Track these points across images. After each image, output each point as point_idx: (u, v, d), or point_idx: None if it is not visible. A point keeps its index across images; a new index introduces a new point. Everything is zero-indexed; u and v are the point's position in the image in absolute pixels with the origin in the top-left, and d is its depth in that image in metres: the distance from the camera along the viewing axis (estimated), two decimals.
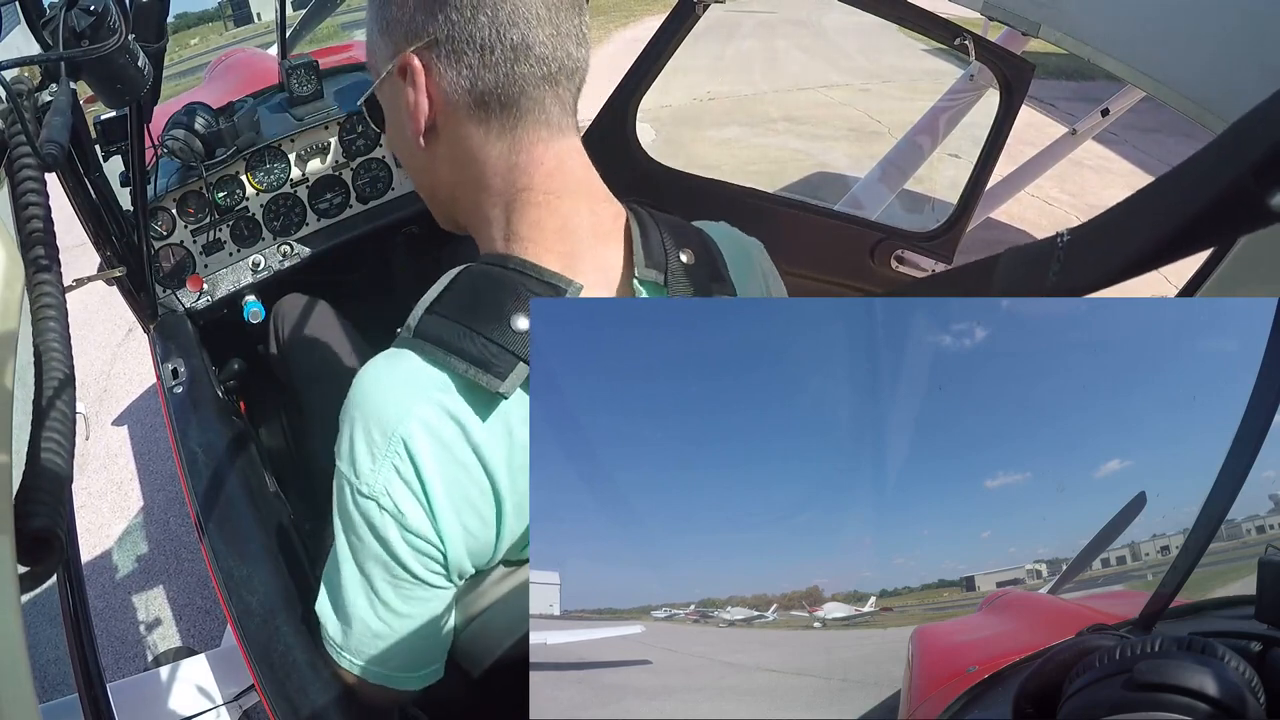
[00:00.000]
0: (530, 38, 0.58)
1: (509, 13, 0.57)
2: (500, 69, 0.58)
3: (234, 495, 1.03)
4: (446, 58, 0.58)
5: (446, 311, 0.60)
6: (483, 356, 0.57)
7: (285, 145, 1.56)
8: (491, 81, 0.58)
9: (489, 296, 0.60)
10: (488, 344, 0.58)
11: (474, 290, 0.60)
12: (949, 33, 1.54)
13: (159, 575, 2.30)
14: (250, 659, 0.83)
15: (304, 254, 1.60)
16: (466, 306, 0.60)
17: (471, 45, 0.57)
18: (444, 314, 0.60)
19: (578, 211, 0.63)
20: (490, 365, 0.57)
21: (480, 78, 0.58)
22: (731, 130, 5.53)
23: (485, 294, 0.60)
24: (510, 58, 0.58)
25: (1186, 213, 0.27)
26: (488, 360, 0.57)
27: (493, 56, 0.57)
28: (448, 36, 0.57)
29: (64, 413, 0.35)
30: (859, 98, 6.18)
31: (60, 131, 0.56)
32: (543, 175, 0.62)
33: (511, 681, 0.61)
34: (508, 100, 0.59)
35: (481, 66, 0.58)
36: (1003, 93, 1.61)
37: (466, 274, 0.61)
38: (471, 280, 0.61)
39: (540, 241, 0.62)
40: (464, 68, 0.58)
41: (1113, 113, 2.57)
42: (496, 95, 0.59)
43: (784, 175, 4.57)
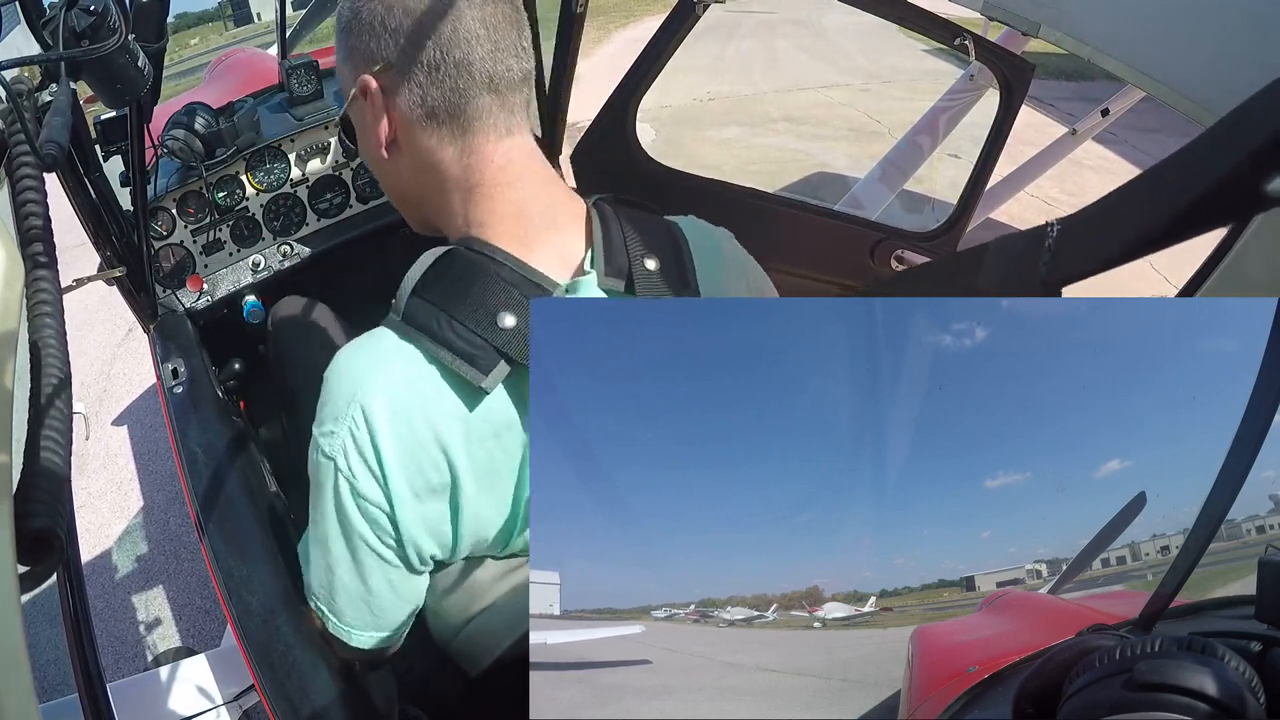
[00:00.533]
0: (470, 55, 0.64)
1: (449, 35, 0.63)
2: (446, 84, 0.64)
3: (234, 495, 1.03)
4: (399, 78, 0.65)
5: (432, 297, 0.63)
6: (468, 350, 0.61)
7: (285, 145, 1.56)
8: (439, 96, 0.65)
9: (472, 287, 0.63)
10: (473, 338, 0.61)
11: (457, 277, 0.64)
12: (949, 33, 1.53)
13: (159, 575, 2.30)
14: (250, 659, 0.83)
15: (304, 254, 1.60)
16: (450, 294, 0.63)
17: (420, 66, 0.64)
18: (429, 299, 0.63)
19: (533, 197, 0.68)
20: (475, 359, 0.61)
21: (429, 94, 0.65)
22: (731, 130, 5.53)
23: (467, 282, 0.63)
24: (454, 74, 0.64)
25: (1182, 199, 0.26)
26: (472, 355, 0.61)
27: (439, 74, 0.64)
28: (397, 59, 0.64)
29: (61, 411, 0.35)
30: (859, 98, 6.17)
31: (60, 131, 0.56)
32: (493, 171, 0.67)
33: (511, 681, 0.61)
34: (455, 111, 0.65)
35: (430, 84, 0.64)
36: (1003, 93, 1.60)
37: (449, 257, 0.65)
38: (452, 264, 0.65)
39: (496, 226, 0.67)
40: (415, 86, 0.65)
41: (1113, 113, 2.57)
42: (445, 109, 0.65)
43: (784, 175, 4.56)
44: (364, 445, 0.62)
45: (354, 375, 0.63)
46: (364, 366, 0.63)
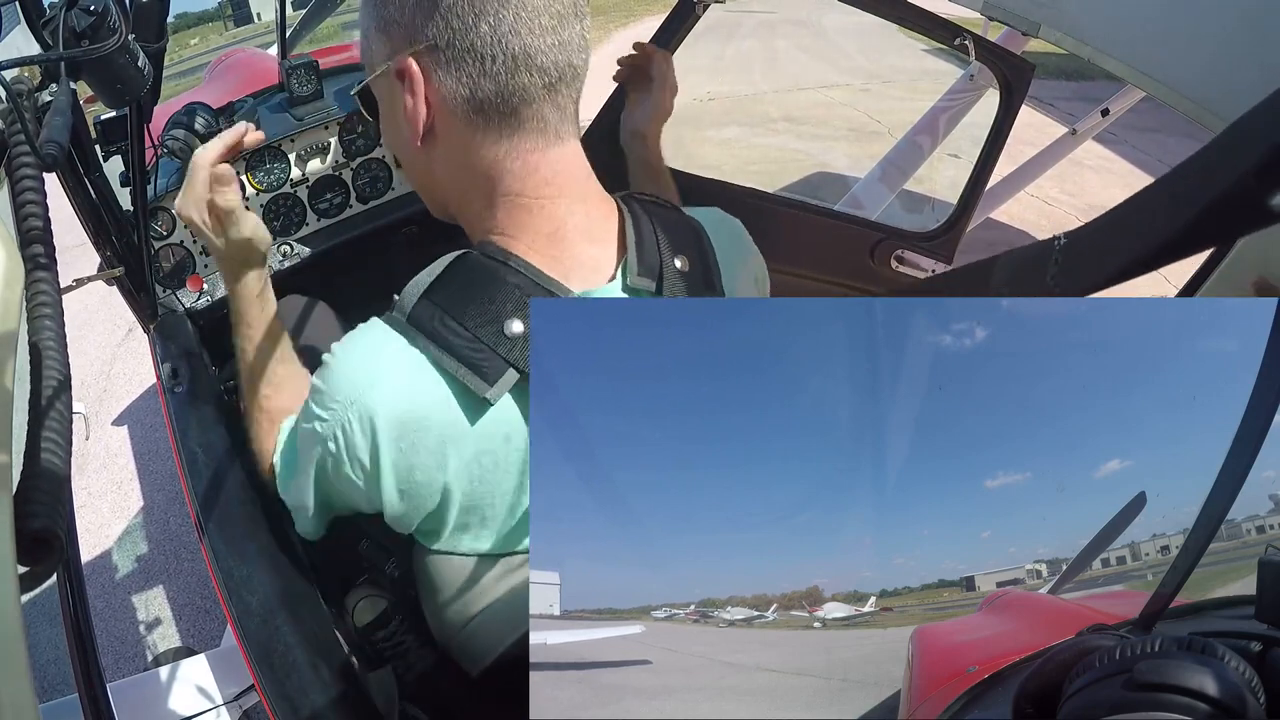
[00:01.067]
0: (532, 47, 0.57)
1: (512, 22, 0.56)
2: (500, 78, 0.57)
3: (234, 495, 1.03)
4: (445, 64, 0.58)
5: (441, 301, 0.60)
6: (473, 358, 0.59)
7: (285, 145, 1.56)
8: (491, 90, 0.58)
9: (483, 293, 0.60)
10: (479, 346, 0.59)
11: (469, 283, 0.61)
12: (949, 33, 1.53)
13: (159, 575, 2.30)
14: (250, 659, 0.83)
15: (304, 254, 1.60)
16: (460, 299, 0.60)
17: (472, 53, 0.56)
18: (438, 303, 0.60)
19: (572, 214, 0.64)
20: (479, 368, 0.58)
21: (479, 86, 0.58)
22: (731, 130, 5.52)
23: (479, 289, 0.60)
24: (510, 67, 0.57)
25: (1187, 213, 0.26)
26: (477, 363, 0.59)
27: (493, 65, 0.57)
28: (448, 43, 0.57)
29: (61, 412, 0.35)
30: (859, 98, 6.17)
31: (60, 131, 0.56)
32: (537, 181, 0.62)
33: (511, 681, 0.61)
34: (506, 109, 0.59)
35: (481, 75, 0.57)
36: (1003, 93, 1.60)
37: (462, 262, 0.62)
38: (468, 270, 0.62)
39: (531, 242, 0.63)
40: (463, 75, 0.57)
41: (1113, 113, 2.56)
42: (495, 104, 0.59)
43: (784, 175, 4.57)
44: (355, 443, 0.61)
45: (356, 373, 0.61)
46: (364, 368, 0.61)
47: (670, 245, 0.67)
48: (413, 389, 0.60)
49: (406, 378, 0.60)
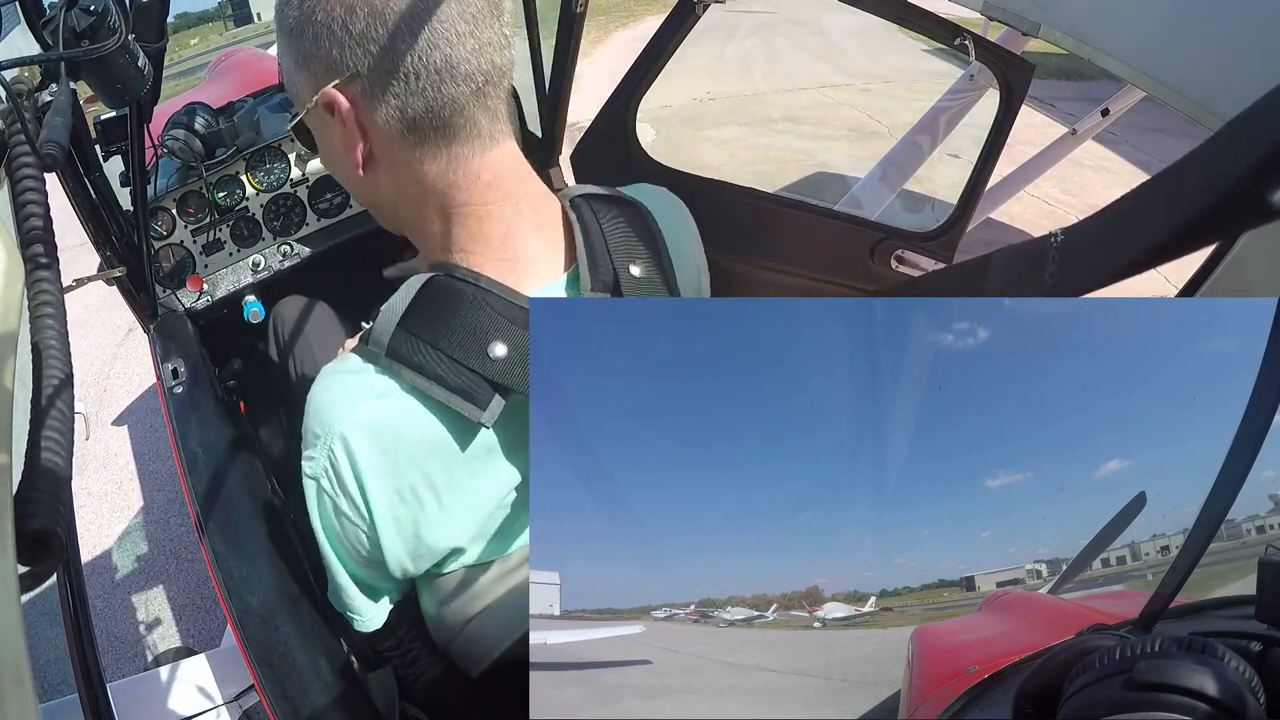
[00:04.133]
0: (454, 56, 0.56)
1: (428, 36, 0.55)
2: (427, 93, 0.57)
3: (234, 495, 1.03)
4: (371, 90, 0.57)
5: (418, 330, 0.60)
6: (462, 385, 0.59)
7: (285, 145, 1.56)
8: (420, 107, 0.57)
9: (460, 318, 0.60)
10: (466, 372, 0.59)
11: (444, 308, 0.60)
12: (949, 33, 1.53)
13: (159, 575, 2.30)
14: (250, 659, 0.83)
15: (304, 254, 1.60)
16: (438, 327, 0.60)
17: (395, 74, 0.56)
18: (416, 333, 0.60)
19: (519, 214, 0.64)
20: (470, 394, 0.58)
21: (409, 105, 0.57)
22: (731, 130, 5.52)
23: (456, 314, 0.60)
24: (436, 80, 0.56)
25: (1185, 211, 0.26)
26: (468, 390, 0.58)
27: (419, 82, 0.56)
28: (369, 69, 0.56)
29: (62, 412, 0.35)
30: (859, 98, 6.17)
31: (60, 131, 0.55)
32: (480, 188, 0.62)
33: (511, 681, 0.61)
34: (439, 122, 0.58)
35: (408, 94, 0.57)
36: (1003, 93, 1.60)
37: (432, 287, 0.61)
38: (440, 295, 0.61)
39: (483, 251, 0.63)
40: (391, 97, 0.57)
41: (1113, 113, 2.56)
42: (427, 119, 0.58)
43: (784, 175, 4.56)
44: (345, 477, 0.61)
45: (335, 407, 0.61)
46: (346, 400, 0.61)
47: (624, 251, 0.66)
48: (398, 414, 0.60)
49: (388, 404, 0.60)
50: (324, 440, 0.61)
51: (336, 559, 0.68)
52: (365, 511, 0.62)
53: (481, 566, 0.70)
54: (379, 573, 0.69)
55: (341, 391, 0.62)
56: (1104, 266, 0.30)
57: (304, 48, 0.58)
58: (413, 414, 0.60)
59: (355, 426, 0.60)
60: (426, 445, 0.61)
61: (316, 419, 0.62)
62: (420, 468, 0.61)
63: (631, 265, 0.66)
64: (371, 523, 0.63)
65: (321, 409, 0.62)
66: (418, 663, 0.85)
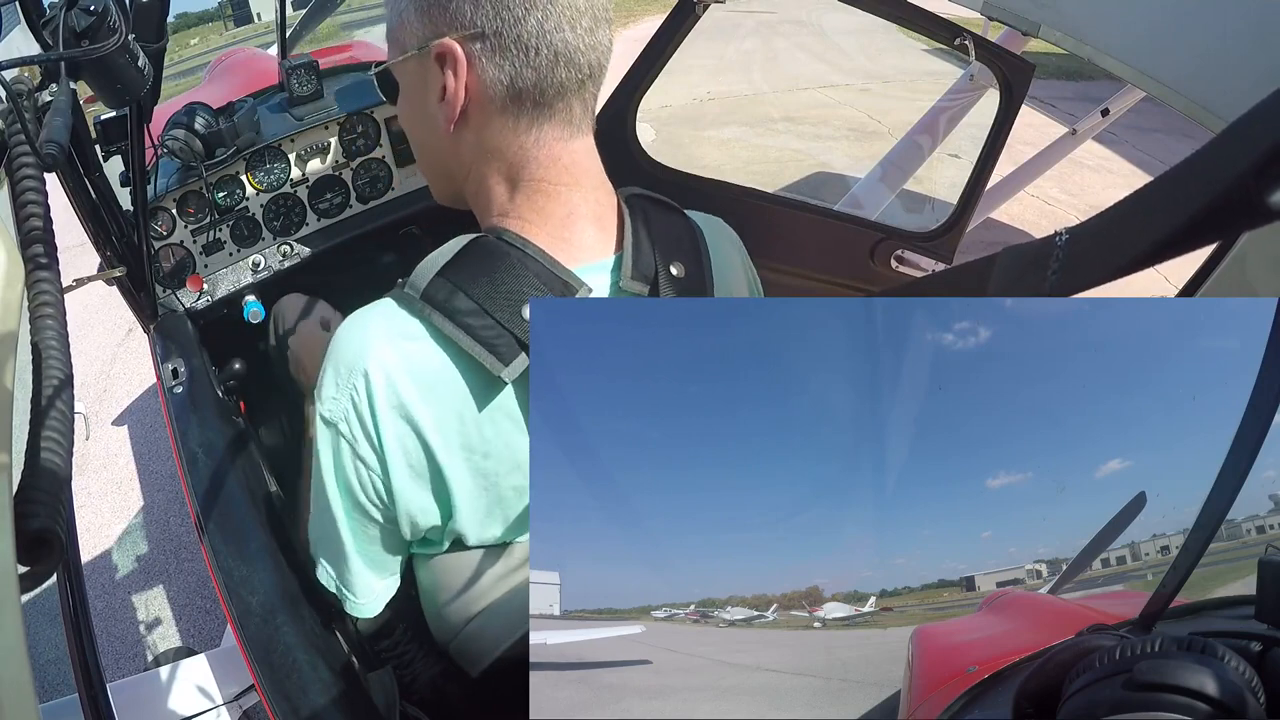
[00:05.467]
0: (573, 44, 0.60)
1: (557, 19, 0.59)
2: (541, 70, 0.60)
3: (234, 495, 1.03)
4: (490, 52, 0.59)
5: (456, 279, 0.61)
6: (488, 338, 0.59)
7: (285, 145, 1.56)
8: (531, 80, 0.60)
9: (500, 275, 0.61)
10: (495, 326, 0.59)
11: (486, 265, 0.62)
12: (949, 33, 1.53)
13: (159, 575, 2.30)
14: (250, 659, 0.83)
15: (304, 254, 1.60)
16: (477, 279, 0.61)
17: (518, 44, 0.59)
18: (454, 281, 0.61)
19: (585, 201, 0.66)
20: (494, 347, 0.59)
21: (521, 75, 0.60)
22: (731, 130, 5.52)
23: (497, 271, 0.61)
24: (551, 61, 0.60)
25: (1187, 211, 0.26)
26: (493, 342, 0.59)
27: (537, 58, 0.59)
28: (496, 32, 0.59)
29: (62, 412, 0.35)
30: (859, 98, 6.17)
31: (60, 131, 0.55)
32: (557, 169, 0.65)
33: (511, 681, 0.61)
34: (542, 100, 0.61)
35: (525, 65, 0.59)
36: (1003, 93, 1.60)
37: (478, 244, 0.63)
38: (485, 252, 0.62)
39: (542, 225, 0.65)
40: (506, 64, 0.60)
41: (1113, 113, 2.57)
42: (533, 94, 0.61)
43: (784, 175, 4.57)
44: (364, 415, 0.61)
45: (362, 343, 0.62)
46: (373, 337, 0.62)
47: (666, 251, 0.68)
48: (423, 357, 0.61)
49: (415, 345, 0.61)
50: (347, 379, 0.61)
51: (345, 518, 0.68)
52: (380, 454, 0.63)
53: (482, 554, 0.69)
54: (385, 541, 0.69)
55: (371, 330, 0.63)
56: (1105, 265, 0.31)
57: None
58: (438, 360, 0.61)
59: (379, 365, 0.60)
60: (447, 393, 0.61)
61: (340, 357, 0.62)
62: (438, 415, 0.62)
63: (672, 265, 0.68)
64: (385, 468, 0.63)
65: (347, 347, 0.62)
66: (414, 664, 0.85)
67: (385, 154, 1.66)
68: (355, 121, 1.61)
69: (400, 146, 1.64)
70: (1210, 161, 0.26)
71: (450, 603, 0.72)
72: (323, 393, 0.63)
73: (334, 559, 0.71)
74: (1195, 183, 0.27)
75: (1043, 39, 1.07)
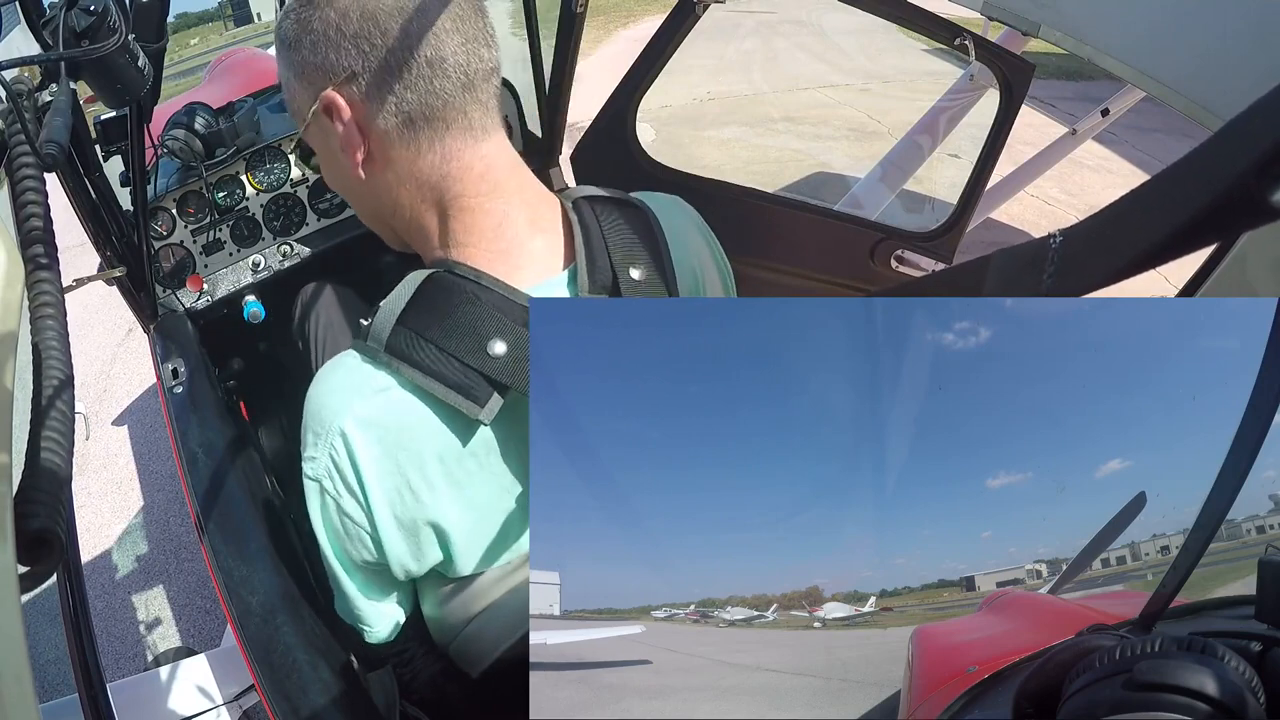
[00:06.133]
0: (442, 51, 0.60)
1: (416, 34, 0.59)
2: (419, 86, 0.60)
3: (234, 495, 1.03)
4: (367, 88, 0.60)
5: (417, 326, 0.60)
6: (461, 382, 0.59)
7: (285, 145, 1.56)
8: (414, 100, 0.60)
9: (460, 315, 0.60)
10: (465, 369, 0.59)
11: (444, 305, 0.61)
12: (949, 33, 1.54)
13: (159, 575, 2.30)
14: (250, 659, 0.83)
15: (304, 254, 1.60)
16: (437, 323, 0.60)
17: (388, 71, 0.59)
18: (415, 329, 0.60)
19: (510, 206, 0.65)
20: (469, 391, 0.59)
21: (403, 99, 0.60)
22: (731, 130, 5.52)
23: (456, 311, 0.60)
24: (427, 74, 0.60)
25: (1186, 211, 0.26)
26: (466, 386, 0.59)
27: (411, 76, 0.59)
28: (364, 67, 0.59)
29: (63, 412, 0.35)
30: (859, 98, 6.17)
31: (60, 131, 0.55)
32: (473, 179, 0.64)
33: (511, 681, 0.61)
34: (431, 114, 0.61)
35: (402, 88, 0.60)
36: (1003, 93, 1.61)
37: (432, 283, 0.62)
38: (440, 291, 0.61)
39: (478, 245, 0.64)
40: (386, 94, 0.60)
41: (1113, 113, 2.57)
42: (421, 112, 0.61)
43: (784, 175, 4.56)
44: (346, 472, 0.61)
45: (336, 402, 0.61)
46: (345, 394, 0.61)
47: (622, 255, 0.66)
48: (398, 408, 0.60)
49: (387, 398, 0.60)
50: (324, 438, 0.61)
51: (341, 566, 0.68)
52: (367, 510, 0.62)
53: (480, 573, 0.70)
54: (383, 579, 0.69)
55: (341, 388, 0.62)
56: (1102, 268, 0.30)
57: (302, 57, 0.61)
58: (412, 410, 0.60)
59: (355, 422, 0.60)
60: (426, 441, 0.61)
61: (316, 417, 0.62)
62: (420, 464, 0.61)
63: (631, 268, 0.66)
64: (373, 522, 0.63)
65: (320, 407, 0.62)
66: (414, 662, 0.85)
67: None
68: None
69: None
70: (1209, 160, 0.26)
71: (450, 604, 0.72)
72: (305, 451, 0.63)
73: (341, 599, 0.72)
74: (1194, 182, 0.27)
75: (1043, 39, 1.07)
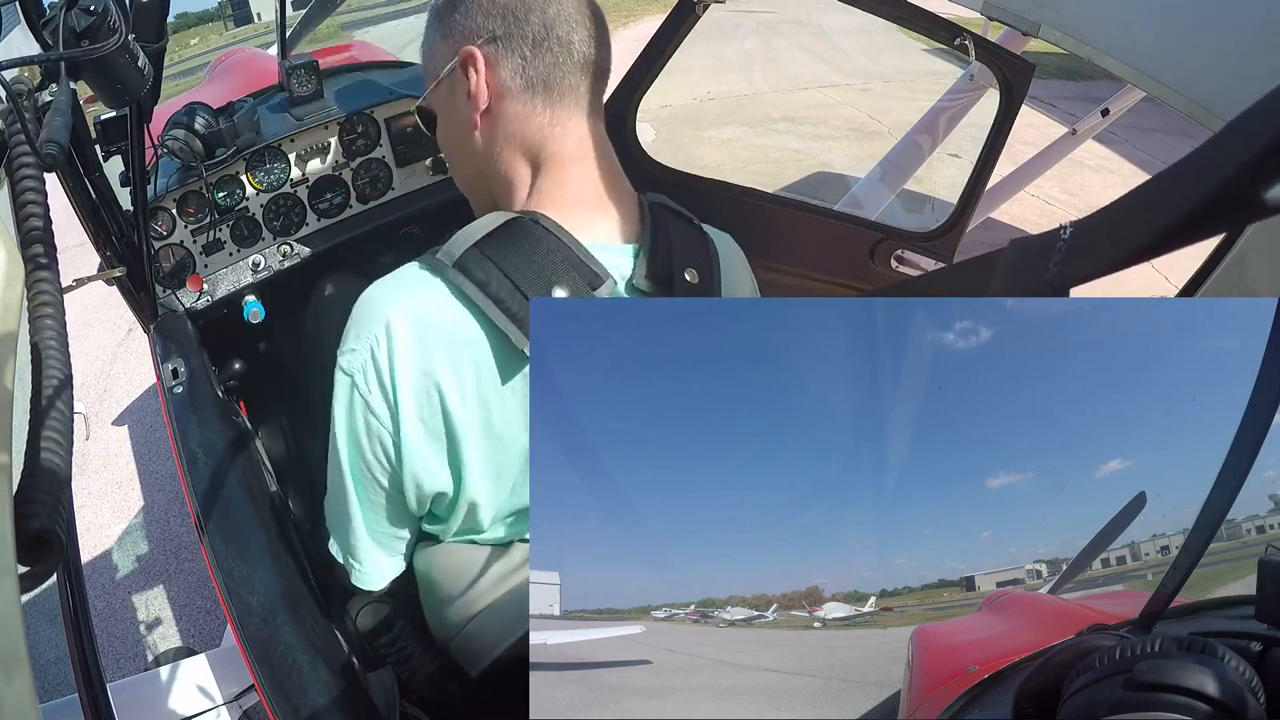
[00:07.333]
0: (571, 36, 0.70)
1: (553, 16, 0.70)
2: (547, 59, 0.70)
3: (234, 495, 1.03)
4: (505, 51, 0.70)
5: (492, 254, 0.65)
6: (517, 312, 0.63)
7: (285, 145, 1.56)
8: (540, 69, 0.70)
9: (534, 255, 0.65)
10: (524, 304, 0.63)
11: (523, 245, 0.66)
12: (949, 33, 1.53)
13: (159, 575, 2.30)
14: (250, 659, 0.83)
15: (304, 254, 1.60)
16: (510, 256, 0.65)
17: (525, 40, 0.69)
18: (490, 255, 0.64)
19: (598, 179, 0.73)
20: (522, 322, 0.63)
21: (531, 65, 0.70)
22: (731, 130, 5.52)
23: (531, 251, 0.65)
24: (556, 49, 0.70)
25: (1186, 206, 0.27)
26: (521, 319, 0.63)
27: (542, 49, 0.70)
28: (505, 33, 0.70)
29: (62, 412, 0.35)
30: (859, 98, 6.17)
31: (60, 131, 0.55)
32: (571, 144, 0.72)
33: (511, 681, 0.61)
34: (551, 83, 0.71)
35: (533, 56, 0.70)
36: (1003, 93, 1.60)
37: (516, 224, 0.67)
38: (521, 231, 0.66)
39: (561, 201, 0.71)
40: (518, 57, 0.70)
41: (1113, 113, 2.57)
42: (543, 79, 0.70)
43: (784, 175, 4.56)
44: (381, 367, 0.64)
45: (389, 295, 0.65)
46: (402, 291, 0.65)
47: (682, 256, 0.72)
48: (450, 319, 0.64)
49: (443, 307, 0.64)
50: (368, 328, 0.64)
51: (352, 479, 0.70)
52: (393, 407, 0.65)
53: (482, 553, 0.70)
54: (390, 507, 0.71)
55: (397, 285, 0.67)
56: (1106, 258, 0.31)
57: (450, 18, 0.72)
58: (462, 319, 0.64)
59: (403, 313, 0.64)
60: (466, 350, 0.64)
61: (363, 310, 0.66)
62: (455, 368, 0.64)
63: (687, 271, 0.72)
64: (396, 421, 0.65)
65: (371, 302, 0.66)
66: (413, 659, 0.85)
67: (385, 154, 1.66)
68: (355, 121, 1.61)
69: (400, 147, 1.64)
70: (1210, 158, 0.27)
71: (450, 602, 0.72)
72: (344, 345, 0.66)
73: (342, 528, 0.73)
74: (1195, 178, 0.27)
75: (1043, 39, 1.07)
